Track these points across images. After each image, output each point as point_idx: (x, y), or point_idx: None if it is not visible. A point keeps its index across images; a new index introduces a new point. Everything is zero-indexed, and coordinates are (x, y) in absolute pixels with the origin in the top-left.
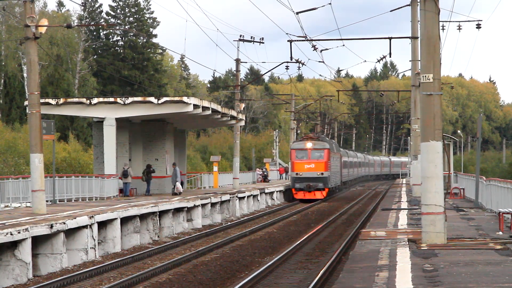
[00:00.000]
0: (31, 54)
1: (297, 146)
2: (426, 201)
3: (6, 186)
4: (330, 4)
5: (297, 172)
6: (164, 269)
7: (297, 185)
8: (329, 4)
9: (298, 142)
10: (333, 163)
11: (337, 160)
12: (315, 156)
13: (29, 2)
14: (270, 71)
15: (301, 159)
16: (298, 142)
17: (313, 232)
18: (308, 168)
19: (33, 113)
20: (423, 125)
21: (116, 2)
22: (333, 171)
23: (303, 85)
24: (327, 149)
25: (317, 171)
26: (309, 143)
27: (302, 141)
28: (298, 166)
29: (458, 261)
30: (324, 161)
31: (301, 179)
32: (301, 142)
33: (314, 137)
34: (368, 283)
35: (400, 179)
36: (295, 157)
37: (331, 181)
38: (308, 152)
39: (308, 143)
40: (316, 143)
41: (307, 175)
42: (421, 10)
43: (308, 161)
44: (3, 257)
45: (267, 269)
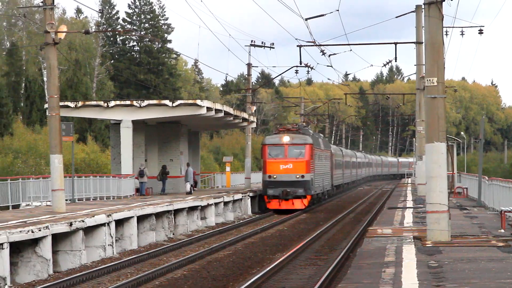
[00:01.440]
0: (51, 59)
1: (270, 141)
2: (431, 200)
3: (27, 186)
4: (337, 10)
5: (270, 175)
6: (179, 265)
7: (270, 192)
8: (337, 10)
9: (272, 136)
10: (318, 162)
11: (325, 159)
12: (293, 153)
13: (49, 9)
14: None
15: (276, 158)
16: (272, 136)
17: (322, 230)
18: (285, 169)
19: (52, 115)
20: (428, 127)
21: (132, 9)
22: (318, 172)
23: (312, 89)
24: (309, 145)
25: (296, 173)
26: (286, 136)
27: (277, 135)
28: (271, 166)
29: (461, 258)
30: (305, 160)
31: (276, 183)
32: (275, 135)
33: (292, 129)
34: (375, 279)
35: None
36: (267, 155)
37: (316, 185)
38: (285, 148)
39: (285, 137)
40: (295, 136)
41: (283, 179)
42: (426, 17)
43: (284, 160)
44: (25, 254)
45: (278, 265)
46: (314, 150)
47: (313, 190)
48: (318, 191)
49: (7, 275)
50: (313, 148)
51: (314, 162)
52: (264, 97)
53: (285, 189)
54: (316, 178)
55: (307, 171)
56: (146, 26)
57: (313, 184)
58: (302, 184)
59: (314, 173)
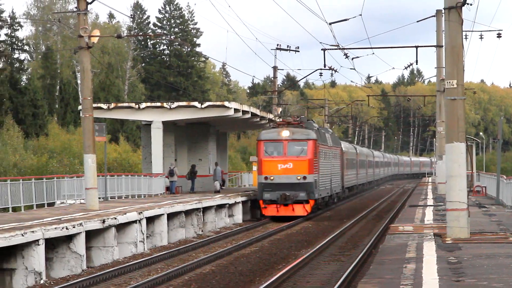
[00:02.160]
0: (84, 62)
1: (266, 136)
2: (451, 198)
3: (62, 184)
4: (360, 15)
5: (267, 176)
6: (207, 261)
7: (266, 195)
8: (360, 15)
9: (269, 130)
10: (325, 161)
11: (334, 157)
12: (294, 151)
13: (83, 14)
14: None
15: (273, 156)
16: (269, 130)
17: (343, 229)
18: (283, 169)
19: (86, 116)
20: (448, 128)
21: (162, 14)
22: (324, 173)
23: (335, 91)
24: (312, 140)
25: (297, 173)
26: (285, 131)
27: (275, 129)
28: (268, 166)
29: (480, 254)
30: (307, 158)
31: (273, 186)
32: (273, 130)
33: (293, 122)
34: (397, 274)
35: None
36: (263, 153)
37: (321, 188)
38: (284, 145)
39: (284, 132)
40: (296, 131)
41: (281, 180)
42: (446, 21)
43: (283, 158)
44: (60, 250)
45: (303, 261)
46: (318, 147)
47: (318, 193)
48: (324, 195)
49: (43, 270)
50: (318, 145)
51: (318, 160)
52: (289, 99)
53: (284, 193)
54: (322, 179)
55: (310, 172)
56: (175, 30)
57: (318, 186)
58: (304, 187)
59: (318, 174)
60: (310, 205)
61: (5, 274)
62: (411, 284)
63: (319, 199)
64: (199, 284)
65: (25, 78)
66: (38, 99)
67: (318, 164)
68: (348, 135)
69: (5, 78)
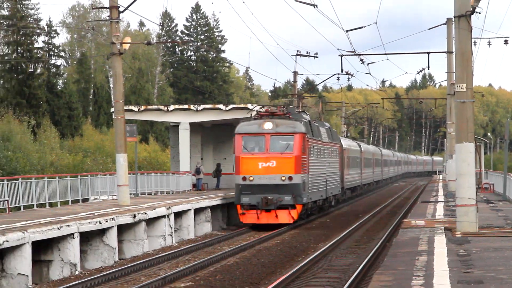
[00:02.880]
0: (117, 68)
1: (245, 129)
2: (460, 194)
3: (95, 182)
4: (375, 23)
5: (245, 176)
6: (232, 253)
7: (244, 199)
8: (375, 23)
9: (248, 122)
10: (317, 159)
11: (331, 154)
12: (277, 146)
13: (115, 23)
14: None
15: (253, 153)
16: (248, 122)
17: (360, 223)
18: (265, 168)
19: (118, 118)
20: (458, 129)
21: (189, 22)
22: (316, 172)
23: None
24: (300, 134)
25: (281, 173)
26: (268, 123)
27: (256, 121)
28: (247, 164)
29: (488, 247)
30: (294, 155)
31: (253, 188)
32: (253, 122)
33: (279, 112)
34: (410, 266)
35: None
36: (241, 149)
37: (312, 190)
38: (266, 139)
39: (267, 124)
40: (281, 123)
41: (262, 181)
42: (456, 28)
43: (265, 155)
44: (93, 243)
45: (321, 253)
46: (308, 142)
47: (307, 196)
48: (315, 198)
49: (78, 261)
50: (307, 139)
51: (308, 158)
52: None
53: (266, 196)
54: (313, 180)
55: (296, 171)
56: (202, 37)
57: (307, 188)
58: (290, 189)
59: (308, 174)
60: (297, 210)
61: (42, 265)
62: (423, 276)
63: (308, 204)
64: (223, 275)
65: (61, 83)
66: (73, 102)
67: (308, 162)
68: (364, 135)
69: (43, 82)
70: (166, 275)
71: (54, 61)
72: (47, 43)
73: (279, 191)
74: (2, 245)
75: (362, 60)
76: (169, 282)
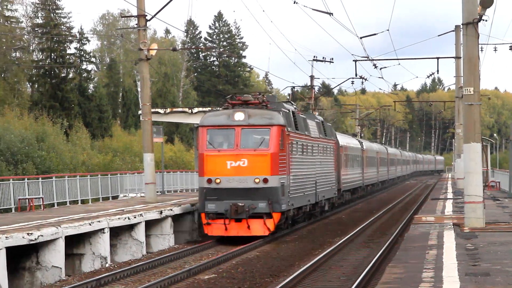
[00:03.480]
0: (144, 72)
1: (212, 121)
2: (468, 192)
3: (124, 180)
4: (388, 30)
5: (211, 178)
6: (253, 247)
7: (210, 206)
8: (387, 30)
9: (215, 113)
10: (302, 157)
11: (322, 152)
12: (250, 141)
13: (142, 30)
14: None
15: (220, 149)
16: (215, 113)
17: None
18: (235, 168)
19: (145, 120)
20: (465, 130)
21: (212, 30)
22: (301, 173)
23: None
24: (277, 127)
25: (255, 174)
26: (239, 113)
27: (225, 111)
28: (212, 164)
29: (494, 242)
30: (270, 152)
31: (220, 193)
32: (221, 112)
33: (254, 101)
34: (421, 260)
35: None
36: (206, 145)
37: (294, 194)
38: (236, 133)
39: (237, 114)
40: (255, 113)
41: (231, 185)
42: (464, 35)
43: (234, 152)
44: (123, 237)
45: (337, 247)
46: (289, 136)
47: (287, 202)
48: (300, 203)
49: (108, 255)
50: (288, 133)
51: (289, 155)
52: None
53: (236, 203)
54: (297, 182)
55: (273, 171)
56: (224, 44)
57: (287, 192)
58: (265, 194)
59: (289, 175)
60: (273, 220)
61: (75, 258)
62: (433, 268)
63: (290, 211)
64: (245, 267)
65: (92, 86)
66: (103, 104)
67: (289, 160)
68: (377, 136)
69: (75, 86)
70: (191, 267)
71: (85, 66)
72: (78, 50)
73: (252, 197)
74: (37, 240)
75: (375, 65)
76: (194, 274)
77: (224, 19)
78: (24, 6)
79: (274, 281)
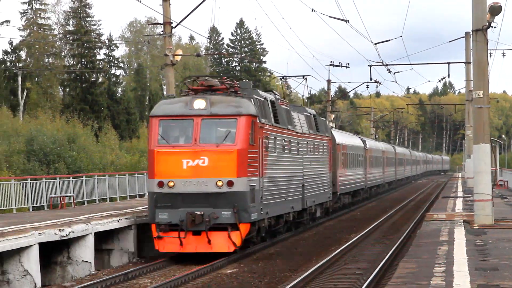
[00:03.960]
0: (169, 77)
1: (165, 110)
2: (478, 190)
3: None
4: (401, 36)
5: (163, 181)
6: (272, 243)
7: (162, 216)
8: (400, 36)
9: (171, 100)
10: (280, 156)
11: (313, 150)
12: (212, 135)
13: (168, 37)
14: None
15: (175, 145)
16: (171, 100)
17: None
18: (193, 168)
19: None
20: (475, 131)
21: (234, 36)
22: (279, 175)
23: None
24: (246, 117)
25: (217, 176)
26: (199, 101)
27: (183, 97)
28: (165, 163)
29: (503, 238)
30: (236, 148)
31: (173, 199)
32: (179, 98)
33: (221, 87)
34: (432, 255)
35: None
36: (157, 140)
37: (270, 201)
38: (195, 125)
39: (197, 102)
40: (218, 100)
41: (188, 189)
42: (473, 41)
43: (192, 149)
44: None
45: (352, 243)
46: (264, 129)
47: (259, 210)
48: (279, 211)
49: (135, 250)
50: (261, 126)
51: (262, 153)
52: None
53: (193, 212)
54: (273, 184)
55: (240, 172)
56: (245, 50)
57: (259, 198)
58: (230, 200)
59: (262, 176)
60: (240, 233)
61: (104, 253)
62: (444, 263)
63: (264, 221)
64: (265, 262)
65: (120, 90)
66: (131, 107)
67: (261, 158)
68: (391, 137)
69: (104, 90)
70: (215, 262)
71: (114, 71)
72: (107, 55)
73: (214, 204)
74: (68, 236)
75: (389, 70)
76: (217, 268)
77: (245, 26)
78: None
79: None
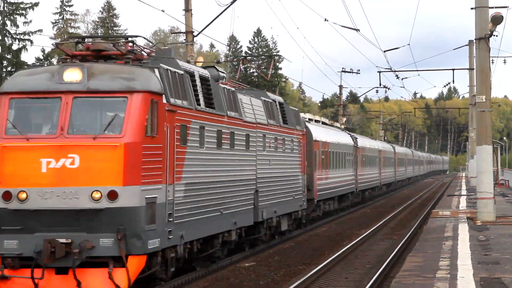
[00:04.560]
0: None
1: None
2: (480, 189)
3: None
4: (409, 44)
5: (10, 191)
6: (288, 238)
7: (7, 244)
8: (408, 44)
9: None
10: (208, 154)
11: (275, 146)
12: (89, 122)
13: (190, 45)
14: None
15: (31, 137)
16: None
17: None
18: (56, 172)
19: None
20: (478, 133)
21: (252, 44)
22: (206, 181)
23: (388, 104)
24: (143, 95)
25: (93, 184)
26: (73, 70)
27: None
28: (14, 163)
29: (504, 233)
30: (123, 142)
31: (25, 218)
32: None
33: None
34: (438, 249)
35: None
36: (4, 129)
37: (183, 221)
38: (62, 105)
39: (69, 72)
40: (101, 70)
41: (48, 204)
42: (476, 49)
43: (56, 142)
44: None
45: (363, 239)
46: (175, 115)
47: (165, 234)
48: (203, 233)
49: None
50: (171, 110)
51: (172, 149)
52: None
53: (55, 239)
54: (195, 196)
55: (129, 179)
56: (262, 57)
57: (164, 217)
58: (113, 221)
59: (173, 184)
60: (128, 270)
61: None
62: (448, 257)
63: (177, 248)
64: (281, 256)
65: None
66: None
67: (170, 157)
68: (398, 139)
69: None
70: (233, 257)
71: None
72: None
73: (88, 226)
74: None
75: (397, 76)
76: (235, 262)
77: (262, 35)
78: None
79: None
